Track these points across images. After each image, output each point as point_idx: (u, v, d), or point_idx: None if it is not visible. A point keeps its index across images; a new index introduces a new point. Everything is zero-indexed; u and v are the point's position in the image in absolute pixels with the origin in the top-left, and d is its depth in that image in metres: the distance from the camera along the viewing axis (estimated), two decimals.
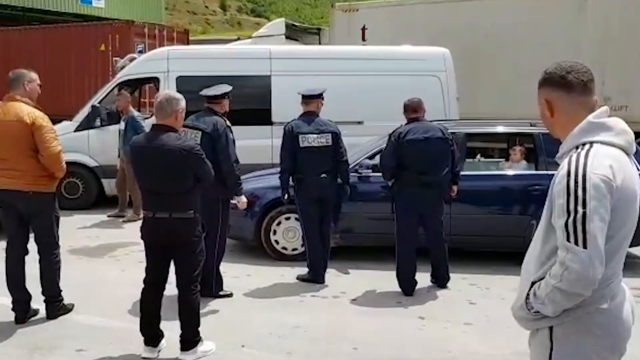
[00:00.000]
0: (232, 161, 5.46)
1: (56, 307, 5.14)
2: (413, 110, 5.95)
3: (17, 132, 4.80)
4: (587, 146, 2.12)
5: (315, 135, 6.03)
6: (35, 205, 4.94)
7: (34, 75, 5.03)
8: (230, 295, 5.72)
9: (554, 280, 2.04)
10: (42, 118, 4.89)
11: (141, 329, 4.39)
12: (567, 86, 2.21)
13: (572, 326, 2.12)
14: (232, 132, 5.56)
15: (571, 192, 2.04)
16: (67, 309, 5.23)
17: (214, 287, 5.60)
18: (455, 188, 6.11)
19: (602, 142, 2.12)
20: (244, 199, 5.69)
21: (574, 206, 2.03)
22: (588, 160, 2.07)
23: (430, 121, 6.05)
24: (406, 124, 5.93)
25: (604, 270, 2.03)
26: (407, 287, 5.90)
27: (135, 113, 8.97)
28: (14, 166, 4.86)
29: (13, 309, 5.01)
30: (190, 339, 4.35)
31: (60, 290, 5.18)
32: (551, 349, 2.16)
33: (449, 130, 6.07)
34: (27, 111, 4.85)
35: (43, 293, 5.10)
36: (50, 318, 5.09)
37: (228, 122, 5.56)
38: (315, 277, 6.19)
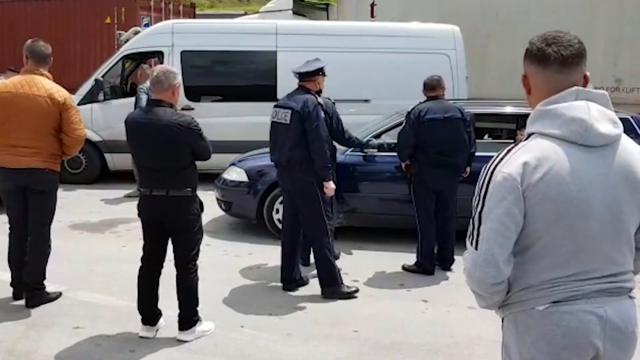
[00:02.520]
0: (323, 141, 5.01)
1: (37, 295, 4.78)
2: (431, 88, 5.84)
3: (47, 108, 4.62)
4: (527, 139, 1.94)
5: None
6: (46, 183, 4.76)
7: None
8: (356, 291, 5.27)
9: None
10: (71, 98, 4.78)
11: (139, 308, 4.34)
12: (542, 60, 1.92)
13: (513, 322, 2.04)
14: (324, 111, 5.12)
15: (477, 189, 1.96)
16: (51, 298, 4.85)
17: (341, 280, 5.22)
18: (468, 169, 6.00)
19: (541, 134, 1.91)
20: (331, 184, 5.11)
21: (475, 204, 1.96)
22: (507, 156, 1.92)
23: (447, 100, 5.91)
24: (424, 102, 5.82)
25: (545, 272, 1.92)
26: (431, 266, 5.85)
27: (147, 85, 8.49)
28: (30, 143, 4.62)
29: (11, 285, 4.95)
30: (189, 319, 4.29)
31: (44, 279, 4.84)
32: (503, 339, 2.12)
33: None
34: (57, 89, 4.68)
35: (25, 278, 4.76)
36: (29, 306, 4.73)
37: (320, 100, 5.14)
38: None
